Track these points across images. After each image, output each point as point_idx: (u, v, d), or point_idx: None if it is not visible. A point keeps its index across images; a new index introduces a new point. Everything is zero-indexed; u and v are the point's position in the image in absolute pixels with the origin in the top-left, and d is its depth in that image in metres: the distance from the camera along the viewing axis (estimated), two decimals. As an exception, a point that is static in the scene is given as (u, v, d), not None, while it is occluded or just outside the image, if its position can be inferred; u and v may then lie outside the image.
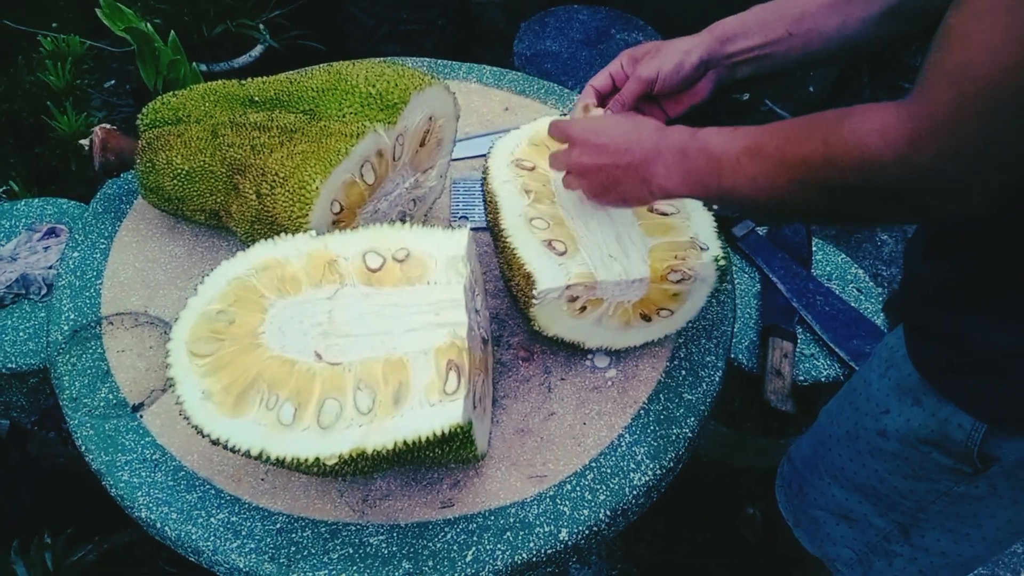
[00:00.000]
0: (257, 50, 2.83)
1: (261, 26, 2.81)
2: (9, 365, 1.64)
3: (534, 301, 1.11)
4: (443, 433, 0.93)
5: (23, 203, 1.90)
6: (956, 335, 0.95)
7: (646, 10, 2.80)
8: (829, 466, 1.22)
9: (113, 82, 3.31)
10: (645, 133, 1.00)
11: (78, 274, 1.31)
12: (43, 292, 1.73)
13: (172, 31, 1.87)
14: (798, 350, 1.76)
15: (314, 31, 2.93)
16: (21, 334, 1.67)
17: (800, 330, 1.79)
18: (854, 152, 0.76)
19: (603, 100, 1.22)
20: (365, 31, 2.99)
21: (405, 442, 0.92)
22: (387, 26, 2.94)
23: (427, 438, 0.93)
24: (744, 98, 3.42)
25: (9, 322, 1.69)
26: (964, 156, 0.70)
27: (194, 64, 2.53)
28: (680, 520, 2.04)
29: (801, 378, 1.71)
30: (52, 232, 1.82)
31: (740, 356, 1.75)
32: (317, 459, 0.92)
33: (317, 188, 1.09)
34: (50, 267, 1.75)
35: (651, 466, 1.12)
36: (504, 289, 1.30)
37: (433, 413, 0.94)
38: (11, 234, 1.84)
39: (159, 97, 1.30)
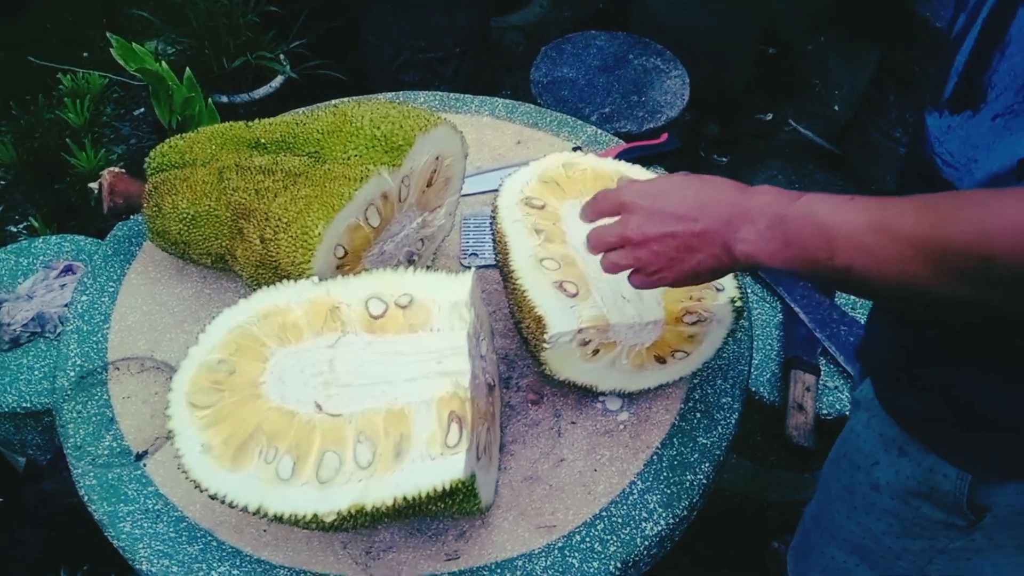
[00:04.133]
0: (277, 81, 2.85)
1: (282, 56, 2.83)
2: (24, 404, 1.64)
3: (545, 346, 1.09)
4: (444, 489, 0.90)
5: (41, 240, 1.92)
6: (934, 387, 0.92)
7: (668, 36, 2.77)
8: (829, 524, 1.17)
9: (143, 110, 3.35)
10: (723, 192, 0.86)
11: (86, 318, 1.30)
12: (58, 330, 1.73)
13: (188, 68, 1.88)
14: (821, 382, 1.71)
15: (334, 61, 2.94)
16: (36, 373, 1.68)
17: (823, 361, 1.75)
18: None
19: None
20: (385, 60, 2.99)
21: (405, 498, 0.90)
22: (407, 54, 2.95)
23: (427, 493, 0.90)
24: (767, 118, 3.39)
25: (24, 361, 1.70)
26: None
27: (215, 96, 2.56)
28: (705, 557, 2.00)
29: (824, 412, 1.67)
30: (69, 270, 1.83)
31: (761, 389, 1.71)
32: (315, 516, 0.90)
33: (320, 234, 1.07)
34: (66, 305, 1.75)
35: (664, 515, 1.08)
36: (514, 328, 1.28)
37: (434, 467, 0.91)
38: (29, 271, 1.85)
39: (166, 140, 1.30)
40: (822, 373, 1.72)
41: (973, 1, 0.78)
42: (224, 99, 2.71)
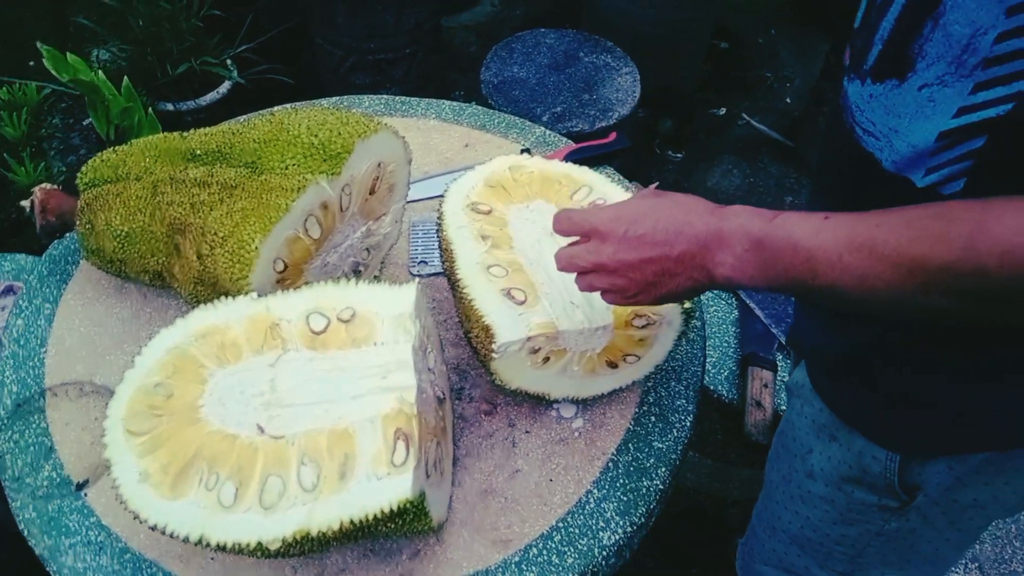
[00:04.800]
0: (225, 87, 2.79)
1: (229, 62, 2.77)
2: (-36, 431, 1.58)
3: (494, 355, 1.06)
4: (392, 509, 0.88)
5: (-21, 260, 1.85)
6: (864, 375, 0.92)
7: (619, 32, 2.76)
8: (770, 516, 1.18)
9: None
10: (697, 215, 0.84)
11: (21, 343, 1.25)
12: (-2, 353, 1.68)
13: (126, 77, 1.82)
14: (779, 378, 1.71)
15: (283, 64, 2.89)
16: (-24, 398, 1.62)
17: (780, 357, 1.74)
18: (1019, 258, 0.64)
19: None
20: (334, 63, 2.95)
21: (352, 520, 0.87)
22: (355, 56, 2.91)
23: (375, 515, 0.87)
24: (720, 113, 3.39)
25: (-37, 386, 1.63)
26: None
27: (160, 104, 2.49)
28: (669, 558, 1.99)
29: (783, 408, 1.66)
30: (9, 290, 1.77)
31: (719, 387, 1.70)
32: (259, 543, 0.87)
33: (257, 248, 1.04)
34: (6, 327, 1.69)
35: (621, 523, 1.07)
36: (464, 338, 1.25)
37: (381, 487, 0.89)
38: (-34, 293, 1.79)
39: (99, 154, 1.25)
40: (779, 369, 1.72)
41: None
42: (170, 107, 2.64)
